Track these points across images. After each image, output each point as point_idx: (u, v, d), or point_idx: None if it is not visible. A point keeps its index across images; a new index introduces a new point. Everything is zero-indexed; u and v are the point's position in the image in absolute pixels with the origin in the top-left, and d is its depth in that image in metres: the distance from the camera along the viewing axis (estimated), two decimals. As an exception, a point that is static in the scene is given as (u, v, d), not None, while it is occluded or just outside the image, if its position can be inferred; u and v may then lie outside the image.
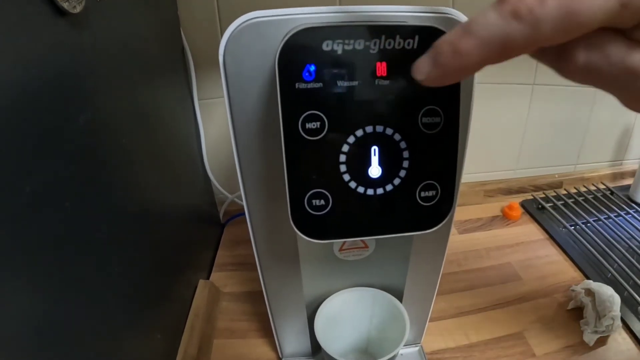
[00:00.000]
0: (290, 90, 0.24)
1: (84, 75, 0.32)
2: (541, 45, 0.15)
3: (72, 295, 0.28)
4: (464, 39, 0.16)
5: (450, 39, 0.16)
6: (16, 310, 0.23)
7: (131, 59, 0.42)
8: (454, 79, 0.17)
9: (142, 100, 0.45)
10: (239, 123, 0.30)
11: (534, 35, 0.15)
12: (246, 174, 0.32)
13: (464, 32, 0.16)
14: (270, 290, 0.42)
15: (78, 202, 0.29)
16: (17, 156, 0.23)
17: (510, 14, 0.15)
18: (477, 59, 0.16)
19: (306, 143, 0.25)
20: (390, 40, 0.25)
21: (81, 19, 0.31)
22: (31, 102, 0.25)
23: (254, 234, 0.36)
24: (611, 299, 0.52)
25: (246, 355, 0.53)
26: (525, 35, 0.15)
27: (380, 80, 0.25)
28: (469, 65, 0.16)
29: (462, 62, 0.16)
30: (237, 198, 0.76)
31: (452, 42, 0.16)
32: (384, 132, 0.26)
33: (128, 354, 0.37)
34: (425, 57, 0.17)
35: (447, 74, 0.17)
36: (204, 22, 0.63)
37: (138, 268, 0.39)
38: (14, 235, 0.23)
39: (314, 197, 0.26)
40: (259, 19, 0.26)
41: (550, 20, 0.14)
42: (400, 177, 0.27)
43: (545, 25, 0.14)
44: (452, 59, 0.16)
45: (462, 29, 0.16)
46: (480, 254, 0.69)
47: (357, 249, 0.42)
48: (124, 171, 0.38)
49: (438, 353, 0.52)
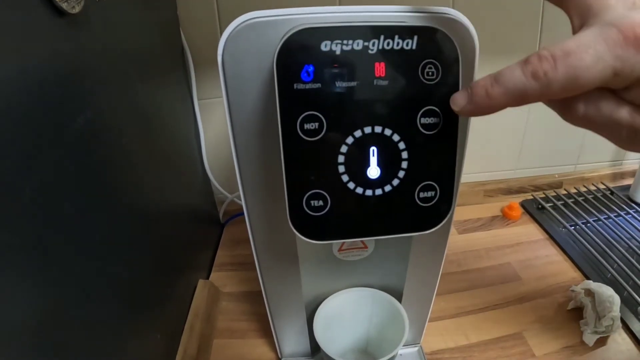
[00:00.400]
0: (288, 91, 0.24)
1: (83, 75, 0.32)
2: (551, 98, 0.21)
3: (71, 295, 0.28)
4: (494, 86, 0.21)
5: (484, 84, 0.21)
6: (16, 311, 0.23)
7: (130, 59, 0.42)
8: (481, 114, 0.23)
9: (142, 100, 0.45)
10: (238, 123, 0.30)
11: (546, 91, 0.20)
12: (245, 174, 0.32)
13: (494, 81, 0.21)
14: (269, 291, 0.42)
15: (77, 202, 0.29)
16: (17, 156, 0.23)
17: (531, 74, 0.20)
18: (501, 102, 0.21)
19: (304, 144, 0.25)
20: (389, 40, 0.25)
21: (80, 19, 0.31)
22: (30, 102, 0.25)
23: (253, 234, 0.36)
24: (611, 300, 0.52)
25: (246, 355, 0.53)
26: (539, 91, 0.20)
27: (379, 81, 0.25)
28: (495, 106, 0.22)
29: (490, 103, 0.22)
30: (236, 198, 0.76)
31: (485, 87, 0.21)
32: (382, 132, 0.26)
33: (128, 354, 0.37)
34: (462, 93, 0.23)
35: (477, 110, 0.22)
36: (204, 22, 0.63)
37: (137, 268, 0.39)
38: (14, 235, 0.23)
39: (312, 197, 0.26)
40: (258, 19, 0.26)
41: (559, 82, 0.19)
42: (399, 178, 0.27)
43: (555, 85, 0.19)
44: (483, 100, 0.22)
45: (494, 78, 0.21)
46: (480, 254, 0.69)
47: (357, 250, 0.42)
48: (123, 171, 0.38)
49: (437, 353, 0.52)
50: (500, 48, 0.69)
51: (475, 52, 0.30)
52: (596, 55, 0.19)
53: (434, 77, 0.26)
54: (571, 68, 0.19)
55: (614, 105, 0.20)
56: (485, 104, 0.22)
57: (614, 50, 0.19)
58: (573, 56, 0.19)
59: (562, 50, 0.19)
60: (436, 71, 0.26)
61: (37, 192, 0.25)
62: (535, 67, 0.20)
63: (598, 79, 0.19)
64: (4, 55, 0.23)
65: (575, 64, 0.19)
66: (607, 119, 0.21)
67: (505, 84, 0.21)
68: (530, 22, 0.70)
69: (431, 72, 0.26)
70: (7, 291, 0.22)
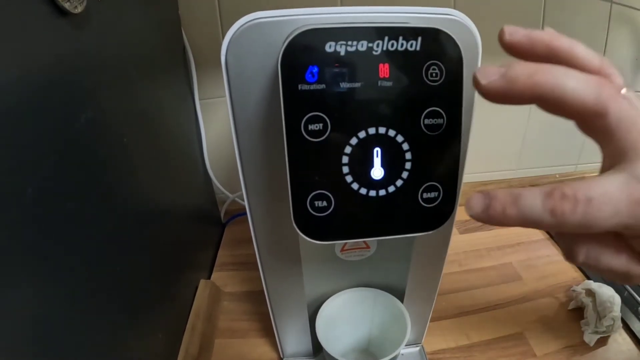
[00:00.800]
0: (293, 92, 0.24)
1: (85, 74, 0.32)
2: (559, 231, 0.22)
3: (73, 294, 0.28)
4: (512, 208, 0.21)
5: (503, 203, 0.21)
6: (18, 310, 0.23)
7: (132, 58, 0.42)
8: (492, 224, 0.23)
9: (143, 100, 0.45)
10: (241, 124, 0.30)
11: (558, 228, 0.20)
12: (248, 174, 0.32)
13: (513, 201, 0.21)
14: (271, 290, 0.42)
15: (79, 201, 0.29)
16: (19, 156, 0.23)
17: (550, 210, 0.20)
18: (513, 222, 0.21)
19: (309, 144, 0.25)
20: (393, 41, 0.25)
21: (82, 19, 0.31)
22: (33, 102, 0.25)
23: (255, 234, 0.36)
24: (611, 300, 0.52)
25: (247, 355, 0.53)
26: (552, 225, 0.20)
27: (383, 82, 0.25)
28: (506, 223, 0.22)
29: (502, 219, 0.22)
30: (238, 198, 0.76)
31: (503, 205, 0.21)
32: (386, 133, 0.26)
33: (130, 354, 0.37)
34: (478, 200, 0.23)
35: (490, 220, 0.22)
36: (205, 22, 0.63)
37: (139, 267, 0.39)
38: (16, 235, 0.23)
39: (316, 198, 0.26)
40: (262, 19, 0.26)
41: (573, 225, 0.20)
42: (403, 179, 0.27)
43: (568, 226, 0.20)
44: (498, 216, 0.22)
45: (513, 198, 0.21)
46: (481, 253, 0.69)
47: (359, 250, 0.42)
48: (125, 171, 0.38)
49: (439, 353, 0.52)
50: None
51: (478, 53, 0.30)
52: (615, 211, 0.19)
53: (437, 78, 0.26)
54: (589, 216, 0.19)
55: (613, 255, 0.22)
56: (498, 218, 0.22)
57: (633, 208, 0.19)
58: (594, 205, 0.19)
59: (585, 195, 0.19)
60: (440, 72, 0.26)
61: (39, 191, 0.25)
62: (556, 205, 0.20)
63: (609, 229, 0.20)
64: (6, 55, 0.23)
65: (594, 214, 0.19)
66: (604, 267, 0.22)
67: (523, 210, 0.21)
68: (532, 23, 0.70)
69: (435, 73, 0.26)
70: (9, 290, 0.22)
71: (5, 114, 0.22)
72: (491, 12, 0.67)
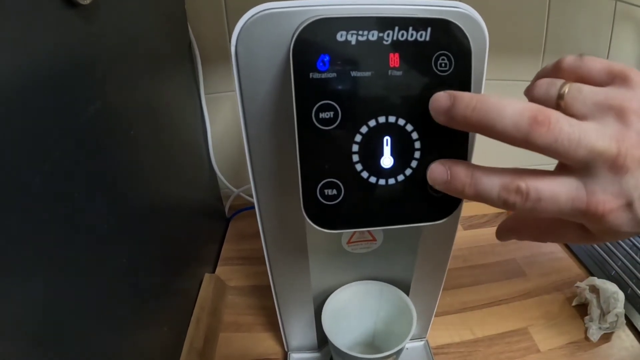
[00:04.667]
0: (304, 80, 0.24)
1: (93, 65, 0.32)
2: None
3: (78, 287, 0.28)
4: (469, 188, 0.23)
5: (462, 182, 0.24)
6: (25, 302, 0.23)
7: (139, 51, 0.42)
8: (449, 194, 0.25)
9: (150, 93, 0.45)
10: (250, 114, 0.30)
11: (506, 209, 0.26)
12: (257, 165, 0.32)
13: (472, 184, 0.23)
14: (278, 283, 0.42)
15: (87, 193, 0.29)
16: (27, 146, 0.23)
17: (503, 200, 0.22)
18: (469, 199, 0.24)
19: (319, 133, 0.25)
20: (403, 31, 0.25)
21: (91, 10, 0.31)
22: (42, 92, 0.25)
23: (263, 226, 0.36)
24: (615, 296, 0.53)
25: (252, 348, 0.53)
26: (501, 207, 0.23)
27: (393, 71, 0.25)
28: (462, 197, 0.25)
29: (459, 195, 0.24)
30: (242, 192, 0.76)
31: (462, 184, 0.24)
32: (396, 122, 0.26)
33: (135, 347, 0.37)
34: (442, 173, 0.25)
35: (447, 192, 0.25)
36: (211, 17, 0.63)
37: (144, 261, 0.40)
38: (23, 226, 0.23)
39: (326, 186, 0.26)
40: (273, 9, 0.26)
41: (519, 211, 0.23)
42: (412, 168, 0.27)
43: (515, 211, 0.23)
44: (455, 191, 0.25)
45: (473, 181, 0.23)
46: (485, 249, 0.69)
47: (365, 242, 0.42)
48: (131, 163, 0.38)
49: (443, 348, 0.52)
50: (507, 41, 0.70)
51: (486, 46, 0.30)
52: (558, 210, 0.22)
53: (447, 68, 0.26)
54: (534, 210, 0.22)
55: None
56: (455, 194, 0.24)
57: (573, 212, 0.21)
58: (541, 203, 0.21)
59: (536, 194, 0.21)
60: (449, 63, 0.26)
61: (47, 182, 0.25)
62: (509, 197, 0.22)
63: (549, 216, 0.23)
64: (15, 45, 0.23)
65: (539, 209, 0.22)
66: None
67: (480, 193, 0.23)
68: (536, 20, 0.70)
69: (444, 64, 0.26)
70: (15, 282, 0.22)
71: (14, 103, 0.22)
72: (497, 7, 0.68)
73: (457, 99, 0.23)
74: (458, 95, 0.23)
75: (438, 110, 0.24)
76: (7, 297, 0.21)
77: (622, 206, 0.21)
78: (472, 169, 0.24)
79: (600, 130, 0.20)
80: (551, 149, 0.21)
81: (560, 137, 0.20)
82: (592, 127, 0.20)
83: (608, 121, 0.21)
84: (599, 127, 0.20)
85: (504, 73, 0.74)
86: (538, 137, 0.20)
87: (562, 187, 0.21)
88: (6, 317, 0.21)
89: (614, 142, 0.20)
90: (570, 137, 0.20)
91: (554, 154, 0.21)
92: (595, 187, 0.21)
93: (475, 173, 0.23)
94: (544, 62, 0.75)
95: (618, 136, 0.20)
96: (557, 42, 0.73)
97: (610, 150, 0.20)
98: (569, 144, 0.20)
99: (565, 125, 0.20)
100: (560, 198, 0.21)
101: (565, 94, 0.22)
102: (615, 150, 0.20)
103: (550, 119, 0.20)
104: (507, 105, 0.21)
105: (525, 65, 0.74)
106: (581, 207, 0.21)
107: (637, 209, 0.20)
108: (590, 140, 0.20)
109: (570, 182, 0.21)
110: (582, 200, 0.21)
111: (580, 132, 0.20)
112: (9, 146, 0.22)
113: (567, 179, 0.21)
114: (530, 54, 0.74)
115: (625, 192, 0.20)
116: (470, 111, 0.22)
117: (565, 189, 0.21)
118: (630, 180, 0.20)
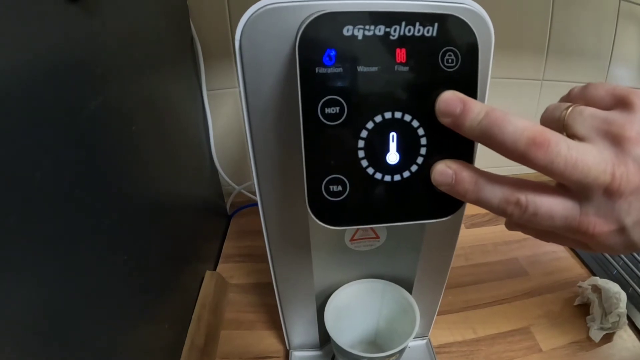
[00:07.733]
0: (310, 75, 0.24)
1: (94, 61, 0.31)
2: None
3: (79, 284, 0.28)
4: (472, 194, 0.24)
5: (465, 188, 0.25)
6: (27, 299, 0.23)
7: (141, 47, 0.41)
8: (452, 195, 0.26)
9: (151, 89, 0.44)
10: (254, 109, 0.29)
11: (506, 218, 0.26)
12: (260, 161, 0.32)
13: (475, 190, 0.24)
14: (280, 281, 0.42)
15: (88, 189, 0.29)
16: (29, 141, 0.23)
17: (502, 210, 0.24)
18: (470, 203, 0.25)
19: (325, 128, 0.25)
20: (410, 27, 0.25)
21: (92, 5, 0.31)
22: (43, 88, 0.25)
23: (265, 223, 0.36)
24: (617, 296, 0.52)
25: (253, 346, 0.53)
26: (501, 215, 0.25)
27: (400, 67, 0.25)
28: (464, 200, 0.25)
29: (461, 198, 0.25)
30: (244, 189, 0.76)
31: (465, 190, 0.25)
32: (402, 118, 0.26)
33: (136, 343, 0.37)
34: (447, 176, 0.25)
35: (450, 193, 0.26)
36: (213, 13, 0.63)
37: (145, 258, 0.39)
38: (25, 223, 0.23)
39: (331, 182, 0.26)
40: (278, 4, 0.26)
41: (516, 221, 0.25)
42: (418, 164, 0.27)
43: (512, 219, 0.25)
44: (457, 195, 0.25)
45: (477, 188, 0.24)
46: (487, 248, 0.69)
47: (368, 239, 0.42)
48: (133, 160, 0.38)
49: (445, 347, 0.52)
50: (511, 39, 0.70)
51: (491, 43, 0.30)
52: (552, 225, 0.23)
53: (453, 64, 0.26)
54: (530, 222, 0.23)
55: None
56: (458, 197, 0.25)
57: (565, 229, 0.23)
58: (537, 218, 0.23)
59: (534, 209, 0.23)
60: (455, 58, 0.26)
61: (47, 177, 0.24)
62: (508, 208, 0.23)
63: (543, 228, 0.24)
64: (16, 41, 0.22)
65: (534, 223, 0.23)
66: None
67: (481, 200, 0.24)
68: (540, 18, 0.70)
69: (451, 60, 0.25)
70: (18, 279, 0.22)
71: (15, 99, 0.22)
72: (501, 5, 0.67)
73: (467, 108, 0.23)
74: (468, 104, 0.23)
75: (445, 113, 0.24)
76: (9, 293, 0.21)
77: (614, 230, 0.21)
78: (477, 175, 0.24)
79: (598, 154, 0.21)
80: (547, 169, 0.21)
81: (556, 160, 0.21)
82: (591, 150, 0.21)
83: (605, 145, 0.21)
84: (596, 151, 0.21)
85: (505, 71, 0.74)
86: (534, 157, 0.21)
87: (558, 205, 0.22)
88: (9, 313, 0.21)
89: (609, 166, 0.21)
90: (566, 160, 0.21)
91: (550, 174, 0.22)
92: (589, 209, 0.22)
93: (480, 180, 0.24)
94: (547, 60, 0.75)
95: (615, 161, 0.21)
96: (560, 40, 0.72)
97: (605, 175, 0.21)
98: (564, 167, 0.21)
99: (564, 148, 0.21)
100: (556, 215, 0.22)
101: (567, 115, 0.23)
102: (610, 175, 0.21)
103: (550, 142, 0.21)
104: (510, 122, 0.22)
105: (529, 64, 0.74)
106: (573, 226, 0.22)
107: (629, 233, 0.21)
108: (586, 164, 0.21)
109: (566, 200, 0.22)
110: (575, 220, 0.22)
111: (578, 155, 0.21)
112: (9, 142, 0.21)
113: (563, 198, 0.22)
114: (533, 52, 0.73)
115: (617, 217, 0.21)
116: (477, 124, 0.23)
117: (560, 207, 0.22)
118: (624, 205, 0.21)
